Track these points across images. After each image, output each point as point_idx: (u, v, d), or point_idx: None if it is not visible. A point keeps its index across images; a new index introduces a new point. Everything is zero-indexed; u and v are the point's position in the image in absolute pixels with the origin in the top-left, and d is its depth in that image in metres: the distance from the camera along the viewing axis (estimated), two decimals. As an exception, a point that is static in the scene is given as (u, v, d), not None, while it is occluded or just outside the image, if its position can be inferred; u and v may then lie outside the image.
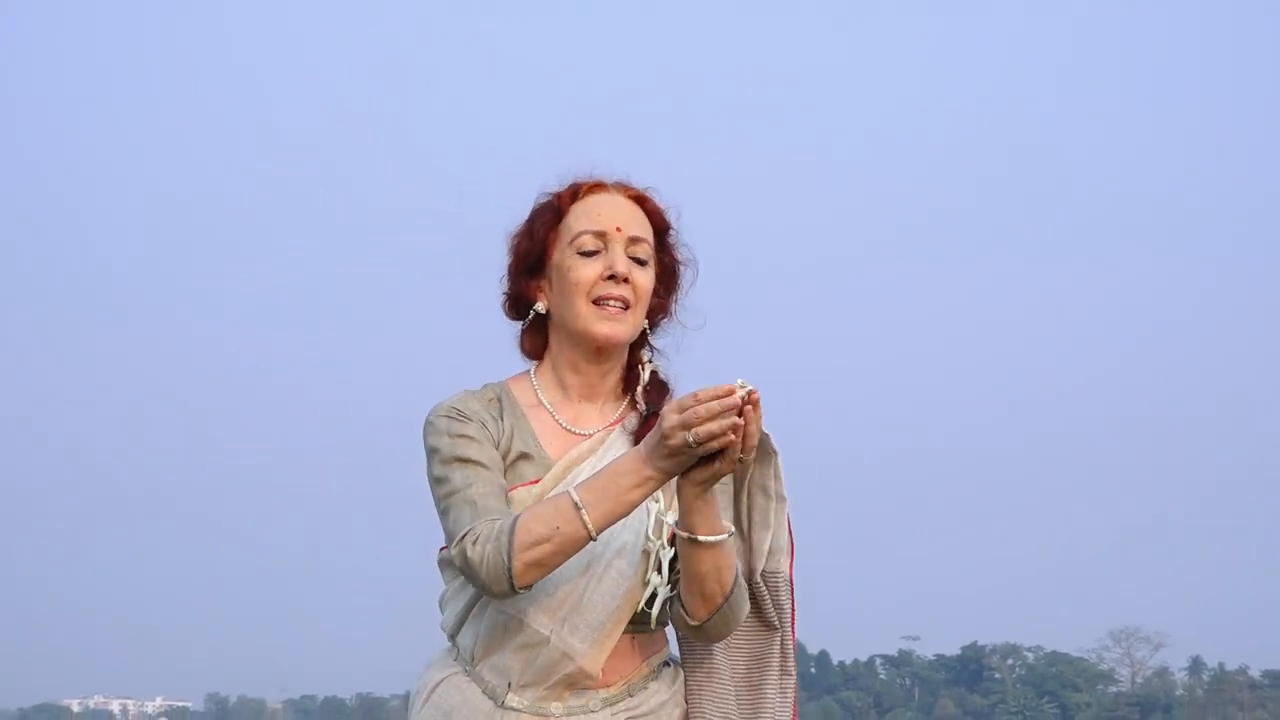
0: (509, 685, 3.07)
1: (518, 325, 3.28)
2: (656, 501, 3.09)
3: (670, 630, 3.21)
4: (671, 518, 3.08)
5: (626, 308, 3.14)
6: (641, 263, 3.17)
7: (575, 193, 3.20)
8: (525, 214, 3.25)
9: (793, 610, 3.22)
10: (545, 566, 2.93)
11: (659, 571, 3.07)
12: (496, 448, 3.12)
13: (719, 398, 2.81)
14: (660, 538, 3.08)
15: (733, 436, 2.83)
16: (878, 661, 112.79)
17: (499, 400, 3.19)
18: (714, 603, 3.02)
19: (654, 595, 3.09)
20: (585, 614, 3.05)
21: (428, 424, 3.14)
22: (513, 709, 3.07)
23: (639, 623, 3.12)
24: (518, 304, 3.23)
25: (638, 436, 3.14)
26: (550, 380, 3.21)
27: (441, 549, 3.20)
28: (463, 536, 2.97)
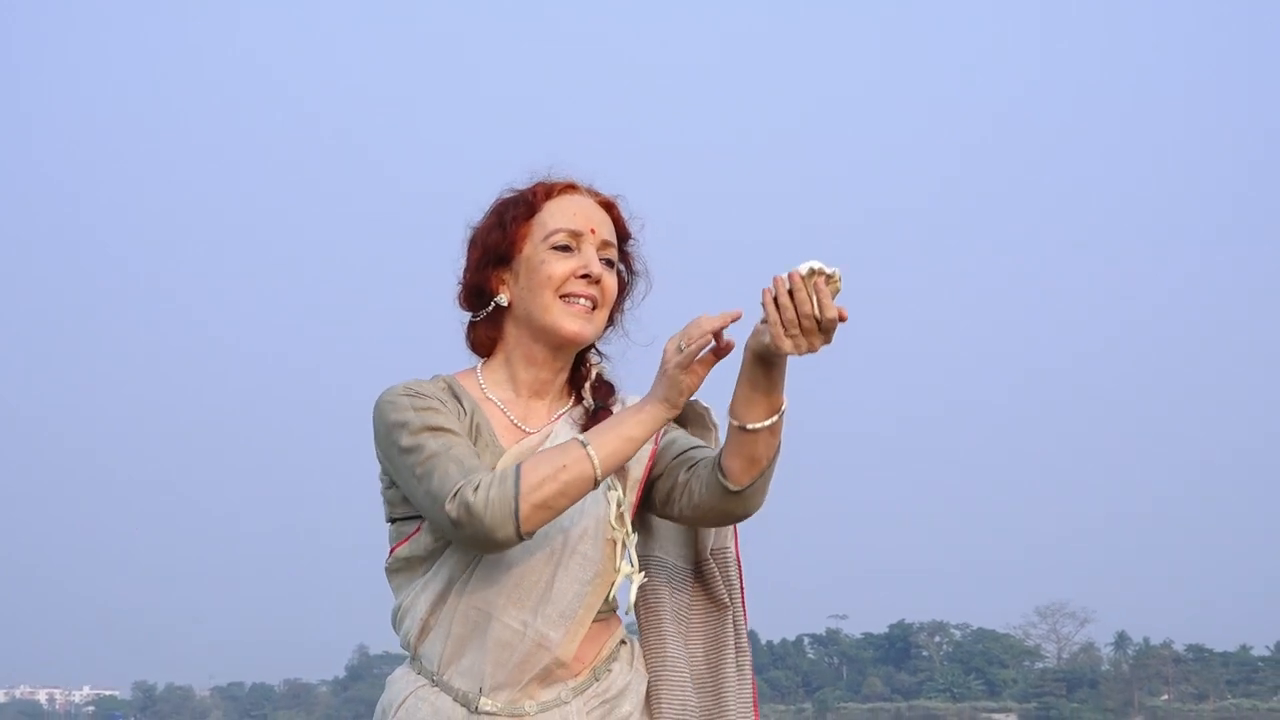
0: (480, 689, 3.06)
1: (468, 318, 3.27)
2: (614, 489, 3.13)
3: (624, 610, 3.21)
4: (628, 502, 3.15)
5: (594, 308, 3.18)
6: (610, 265, 3.22)
7: (549, 191, 3.22)
8: (487, 208, 3.26)
9: (741, 588, 3.27)
10: (551, 509, 2.93)
11: (628, 560, 3.11)
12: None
13: (722, 319, 2.92)
14: (624, 526, 3.12)
15: (714, 340, 2.92)
16: (805, 641, 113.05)
17: (450, 389, 3.19)
18: (759, 466, 3.05)
19: (627, 583, 3.12)
20: (556, 603, 3.06)
21: (384, 404, 3.11)
22: (486, 713, 3.05)
23: (598, 613, 3.13)
24: (478, 295, 3.22)
25: (584, 427, 3.17)
26: (501, 376, 3.22)
27: (391, 550, 3.17)
28: (459, 489, 2.94)
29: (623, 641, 3.20)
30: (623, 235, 3.27)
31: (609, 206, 3.26)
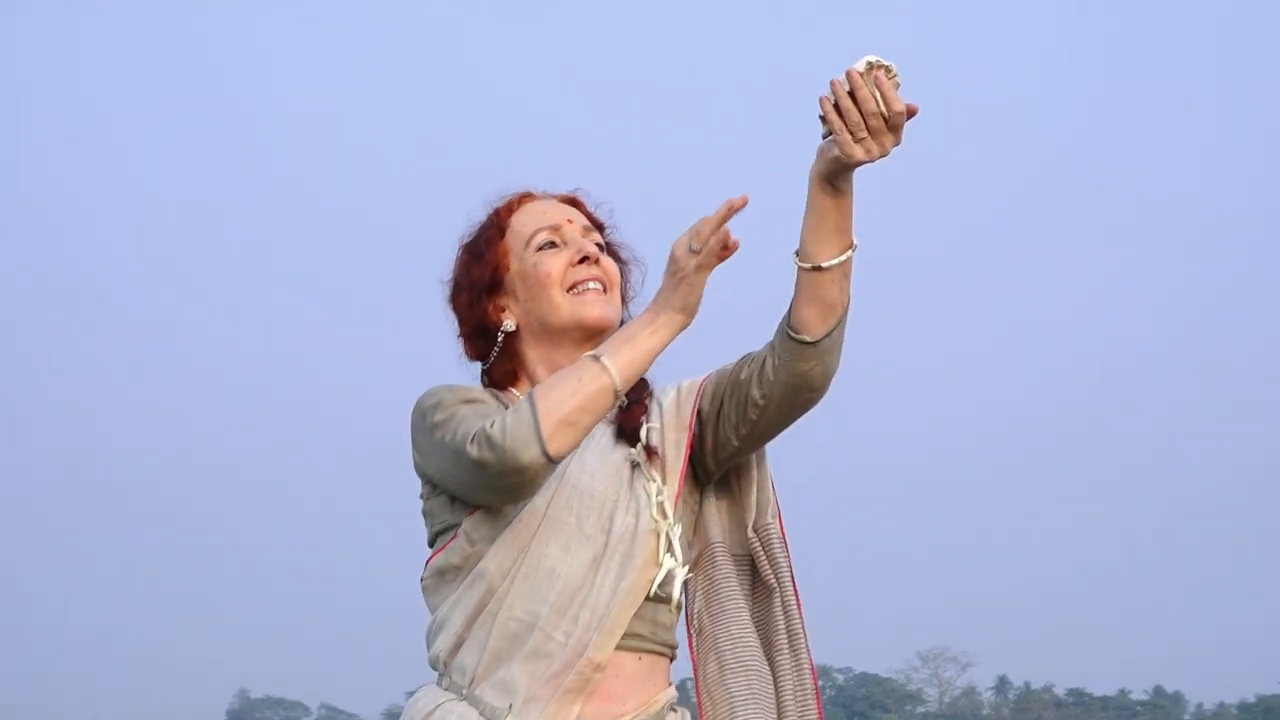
0: (510, 707, 2.94)
1: (479, 368, 3.18)
2: (654, 481, 3.04)
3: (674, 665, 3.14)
4: (669, 493, 3.05)
5: (605, 290, 3.10)
6: (601, 249, 3.14)
7: (510, 206, 3.17)
8: (452, 256, 3.19)
9: (790, 568, 3.19)
10: (575, 426, 2.83)
11: (671, 553, 3.02)
12: None
13: (727, 207, 2.84)
14: (666, 519, 3.03)
15: (730, 237, 2.83)
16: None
17: (491, 392, 3.12)
18: (835, 313, 2.97)
19: (670, 577, 3.02)
20: (593, 607, 2.96)
21: (421, 399, 3.01)
22: None
23: (647, 640, 3.04)
24: (482, 334, 3.13)
25: (616, 424, 3.08)
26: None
27: (427, 563, 3.06)
28: (478, 430, 2.84)
29: (673, 709, 3.11)
30: (597, 226, 3.19)
31: (573, 202, 3.20)
